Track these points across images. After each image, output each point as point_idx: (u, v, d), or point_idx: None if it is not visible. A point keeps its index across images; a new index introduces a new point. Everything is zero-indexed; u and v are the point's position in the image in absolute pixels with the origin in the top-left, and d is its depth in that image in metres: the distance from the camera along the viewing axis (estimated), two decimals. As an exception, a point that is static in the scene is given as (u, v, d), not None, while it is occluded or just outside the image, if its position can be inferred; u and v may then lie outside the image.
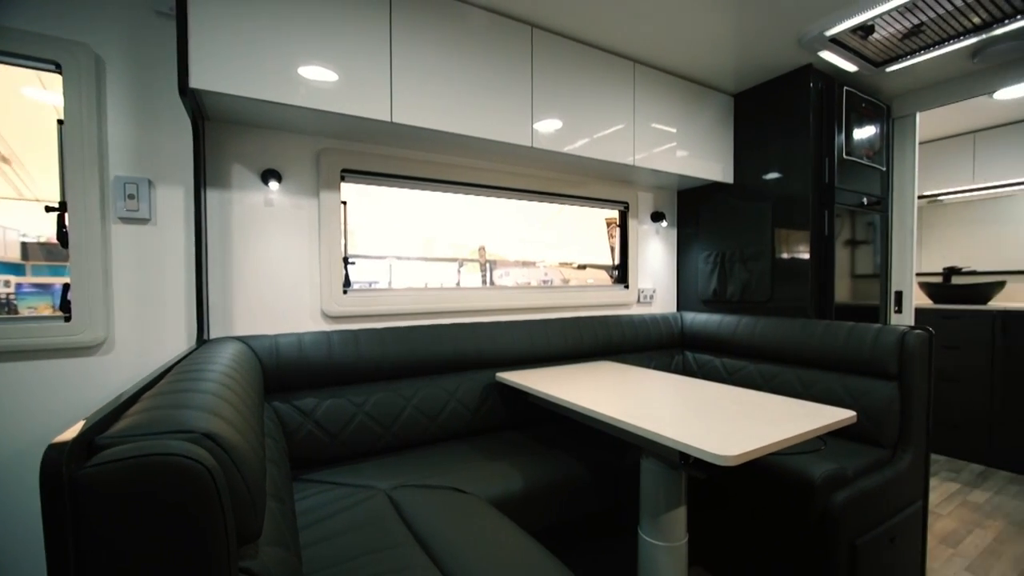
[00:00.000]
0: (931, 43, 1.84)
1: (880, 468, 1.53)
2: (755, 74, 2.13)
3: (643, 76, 2.02)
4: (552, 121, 1.77)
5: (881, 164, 2.32)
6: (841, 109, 2.07)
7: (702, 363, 2.27)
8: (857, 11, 1.63)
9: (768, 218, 2.16)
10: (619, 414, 1.20)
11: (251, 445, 0.70)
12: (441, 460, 1.53)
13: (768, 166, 2.18)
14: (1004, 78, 2.04)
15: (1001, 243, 3.13)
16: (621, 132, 1.95)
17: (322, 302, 1.65)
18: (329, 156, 1.64)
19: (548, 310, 2.20)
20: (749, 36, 1.81)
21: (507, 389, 1.82)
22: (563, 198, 2.25)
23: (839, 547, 1.34)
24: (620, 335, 2.19)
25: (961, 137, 3.15)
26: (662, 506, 1.24)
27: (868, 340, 1.67)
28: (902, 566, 1.55)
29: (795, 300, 2.07)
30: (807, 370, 1.85)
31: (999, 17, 1.67)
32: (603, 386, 1.55)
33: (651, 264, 2.54)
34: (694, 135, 2.20)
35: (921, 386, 1.60)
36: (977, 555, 1.85)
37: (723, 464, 0.93)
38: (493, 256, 2.33)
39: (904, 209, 2.40)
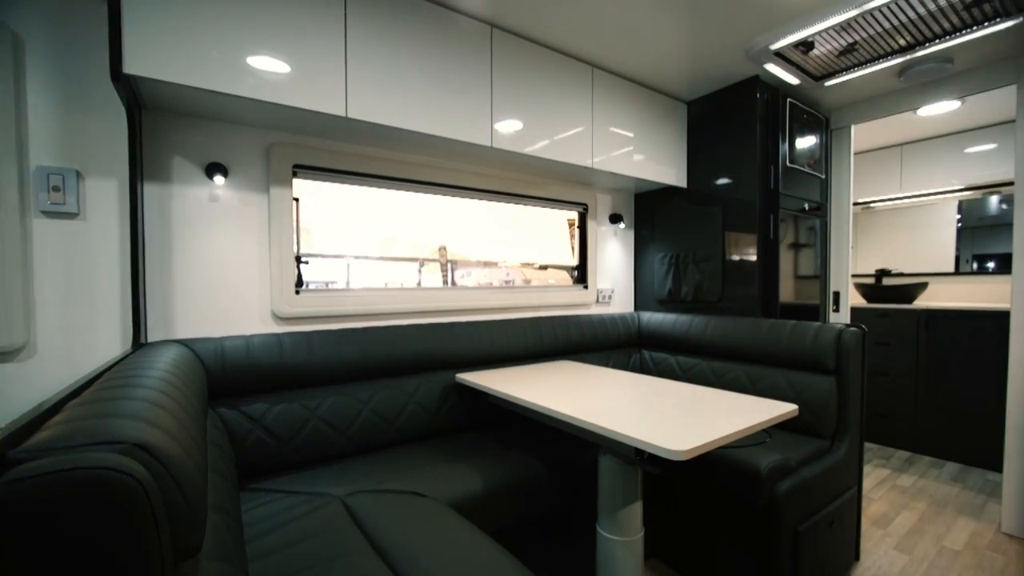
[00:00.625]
0: (863, 61, 1.98)
1: (820, 457, 1.62)
2: (706, 83, 2.22)
3: (601, 80, 2.06)
4: (512, 122, 1.77)
5: (821, 172, 2.47)
6: (785, 119, 2.19)
7: (658, 361, 2.34)
8: (798, 28, 1.72)
9: (719, 221, 2.26)
10: (577, 413, 1.21)
11: (191, 455, 0.66)
12: (399, 464, 1.50)
13: (719, 171, 2.28)
14: (926, 96, 2.23)
15: (925, 247, 3.41)
16: (580, 135, 1.98)
17: (272, 303, 1.58)
18: (280, 150, 1.58)
19: (509, 310, 2.20)
20: (701, 46, 1.89)
21: (467, 390, 1.81)
22: (524, 199, 2.26)
23: (783, 533, 1.41)
24: (580, 335, 2.22)
25: (890, 149, 3.40)
26: (619, 502, 1.27)
27: (809, 338, 1.78)
28: (839, 548, 1.66)
29: (744, 300, 2.18)
30: (754, 366, 1.95)
31: (921, 40, 1.82)
32: (562, 385, 1.56)
33: (610, 265, 2.60)
34: (650, 140, 2.26)
35: (855, 380, 1.72)
36: (904, 534, 2.01)
37: (676, 459, 0.96)
38: (455, 256, 2.31)
39: (841, 215, 2.57)
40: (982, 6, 1.60)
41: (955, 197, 3.22)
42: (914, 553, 1.87)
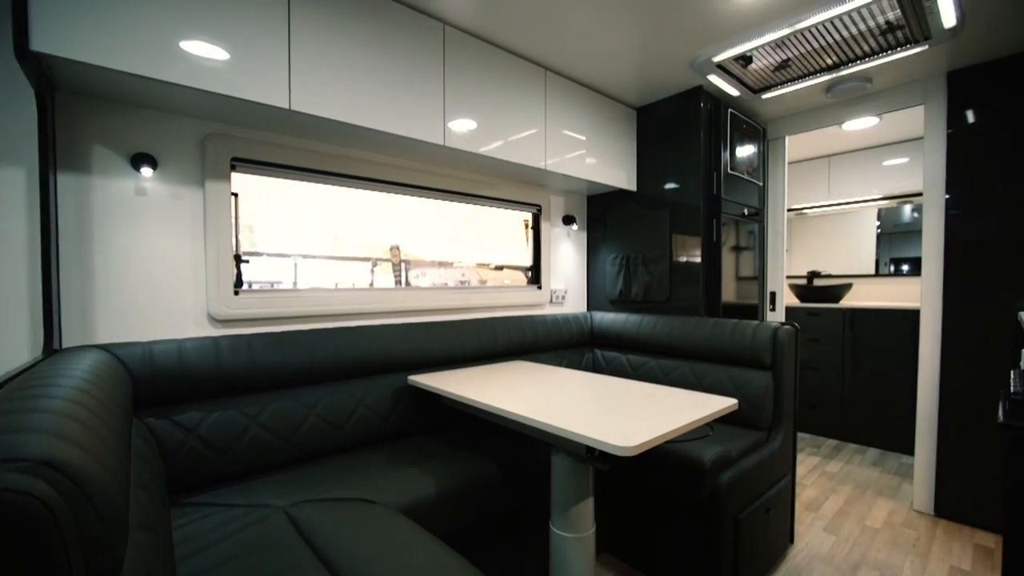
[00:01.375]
0: (795, 76, 2.12)
1: (758, 448, 1.72)
2: (654, 91, 2.30)
3: (554, 84, 2.09)
4: (466, 121, 1.76)
5: (759, 180, 2.62)
6: (726, 129, 2.31)
7: (610, 360, 2.40)
8: (738, 42, 1.82)
9: (666, 224, 2.34)
10: (530, 412, 1.22)
11: (109, 470, 0.60)
12: (348, 470, 1.45)
13: (666, 176, 2.37)
14: (849, 112, 2.42)
15: (850, 251, 3.69)
16: (534, 136, 2.00)
17: (208, 304, 1.48)
18: (216, 142, 1.48)
19: (464, 311, 2.19)
20: (649, 56, 1.95)
21: (420, 392, 1.77)
22: (478, 199, 2.25)
23: (725, 521, 1.48)
24: (533, 335, 2.24)
25: (820, 160, 3.67)
26: (571, 499, 1.29)
27: (748, 335, 1.88)
28: (775, 532, 1.76)
29: (689, 300, 2.27)
30: (699, 363, 2.04)
31: (845, 60, 1.97)
32: (516, 385, 1.57)
33: (563, 266, 2.64)
34: (602, 144, 2.32)
35: (789, 374, 1.83)
36: (832, 516, 2.16)
37: (624, 455, 0.98)
38: (409, 256, 2.27)
39: (777, 220, 2.74)
40: (896, 33, 1.76)
41: (875, 205, 3.52)
42: (840, 533, 2.02)
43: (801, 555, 1.86)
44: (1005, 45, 1.86)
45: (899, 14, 1.64)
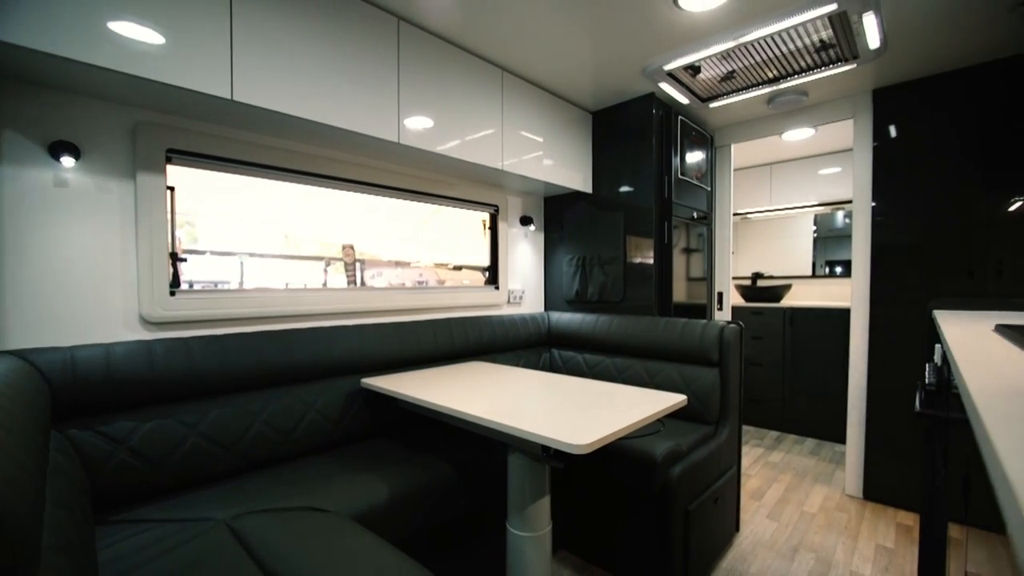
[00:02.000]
0: (740, 88, 2.23)
1: (706, 442, 1.79)
2: (609, 96, 2.35)
3: (511, 85, 2.09)
4: (422, 119, 1.73)
5: (707, 185, 2.74)
6: (677, 135, 2.40)
7: (566, 359, 2.43)
8: (687, 52, 1.90)
9: (621, 226, 2.40)
10: (487, 413, 1.21)
11: (17, 488, 0.55)
12: (297, 478, 1.39)
13: (620, 179, 2.43)
14: (788, 123, 2.57)
15: (789, 253, 3.92)
16: (491, 137, 2.00)
17: (141, 306, 1.38)
18: (149, 132, 1.38)
19: (420, 311, 2.15)
20: (604, 61, 2.00)
21: (374, 395, 1.73)
22: (434, 198, 2.22)
23: (676, 513, 1.53)
24: (491, 335, 2.24)
25: (763, 167, 3.88)
26: (528, 498, 1.29)
27: (697, 334, 1.96)
28: (722, 521, 1.84)
29: (643, 300, 2.34)
30: (652, 361, 2.10)
31: (784, 74, 2.09)
32: (473, 386, 1.55)
33: (520, 266, 2.65)
34: (558, 146, 2.35)
35: (735, 371, 1.92)
36: (774, 504, 2.29)
37: (578, 452, 1.00)
38: (365, 255, 2.21)
39: (724, 223, 2.87)
40: (828, 51, 1.89)
41: (812, 211, 3.76)
42: (781, 519, 2.13)
43: (746, 542, 1.95)
44: (923, 67, 2.04)
45: (831, 34, 1.76)
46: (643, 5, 1.60)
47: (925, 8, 1.62)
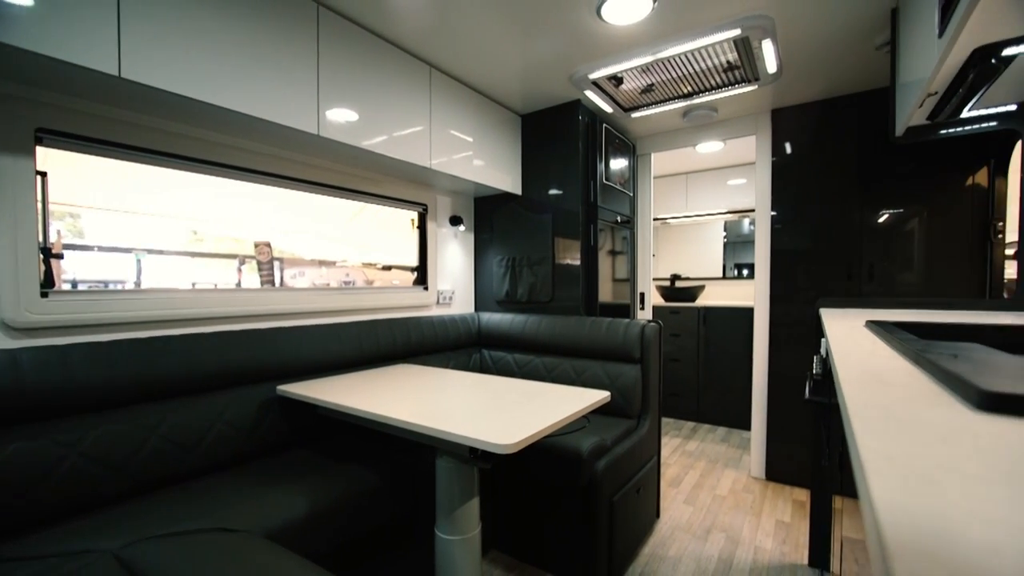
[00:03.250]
0: (658, 100, 2.37)
1: (629, 435, 1.88)
2: (537, 100, 2.40)
3: (440, 82, 2.07)
4: (345, 111, 1.66)
5: (629, 190, 2.88)
6: (601, 142, 2.50)
7: (497, 359, 2.44)
8: (610, 64, 1.98)
9: (549, 228, 2.46)
10: (414, 417, 1.18)
11: None
12: (202, 497, 1.26)
13: (549, 182, 2.48)
14: (701, 136, 2.78)
15: (704, 256, 4.24)
16: (419, 134, 1.96)
17: (4, 310, 1.19)
18: (13, 108, 1.19)
19: (345, 313, 2.05)
20: (532, 66, 2.03)
21: (292, 403, 1.62)
22: (360, 195, 2.14)
23: (601, 504, 1.59)
24: (420, 336, 2.19)
25: (680, 176, 4.16)
26: (457, 501, 1.28)
27: (620, 332, 2.05)
28: (645, 509, 1.94)
29: (570, 300, 2.41)
30: (579, 360, 2.17)
31: (697, 91, 2.26)
32: (400, 390, 1.51)
33: (450, 266, 2.62)
34: (488, 146, 2.35)
35: (655, 366, 2.04)
36: (690, 489, 2.45)
37: (505, 452, 1.00)
38: (285, 254, 2.08)
39: (645, 227, 3.04)
40: (734, 72, 2.06)
41: (722, 218, 4.09)
42: (696, 503, 2.29)
43: (666, 527, 2.07)
44: (812, 92, 2.29)
45: (736, 56, 1.93)
46: (568, 14, 1.65)
47: (812, 40, 1.82)
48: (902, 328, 0.99)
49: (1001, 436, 0.29)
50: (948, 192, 2.15)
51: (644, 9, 1.60)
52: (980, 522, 0.19)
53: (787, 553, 1.88)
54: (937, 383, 0.46)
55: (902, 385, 0.45)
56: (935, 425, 0.32)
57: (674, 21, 1.69)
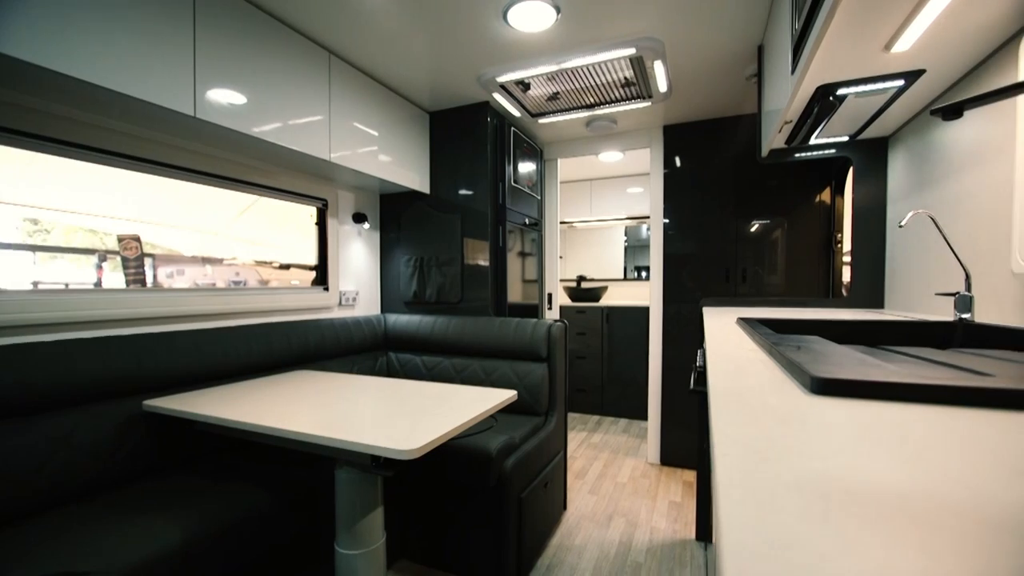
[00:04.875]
0: (563, 108, 2.47)
1: (537, 432, 1.93)
2: (445, 98, 2.38)
3: (341, 71, 1.95)
4: (230, 93, 1.50)
5: (537, 194, 2.97)
6: (510, 145, 2.55)
7: (404, 362, 2.37)
8: (517, 69, 2.02)
9: (458, 228, 2.45)
10: (310, 427, 1.10)
11: None
12: (43, 537, 1.06)
13: (458, 182, 2.47)
14: (602, 146, 2.94)
15: (606, 259, 4.50)
16: (318, 125, 1.84)
17: None
18: None
19: (232, 316, 1.86)
20: (439, 64, 2.01)
21: (164, 420, 1.43)
22: (249, 186, 1.95)
23: (510, 502, 1.61)
24: (319, 341, 2.05)
25: (584, 182, 4.37)
26: (358, 513, 1.21)
27: (528, 332, 2.10)
28: (552, 502, 2.00)
29: (479, 301, 2.42)
30: (488, 360, 2.18)
31: (599, 102, 2.39)
32: (295, 399, 1.40)
33: (354, 266, 2.50)
34: (395, 142, 2.28)
35: (561, 364, 2.12)
36: (595, 480, 2.58)
37: (408, 458, 0.97)
38: (159, 249, 1.82)
39: (552, 230, 3.15)
40: (631, 87, 2.22)
41: (623, 223, 4.38)
42: (600, 492, 2.42)
43: (573, 517, 2.16)
44: (697, 111, 2.54)
45: (632, 74, 2.07)
46: (476, 15, 1.66)
47: (696, 66, 2.02)
48: (764, 324, 1.13)
49: (823, 415, 0.34)
50: (802, 207, 2.51)
51: (548, 19, 1.66)
52: (785, 487, 0.21)
53: (678, 530, 2.06)
54: (784, 371, 0.53)
55: (757, 374, 0.51)
56: (776, 408, 0.36)
57: (576, 34, 1.77)
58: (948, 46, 1.11)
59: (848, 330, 1.14)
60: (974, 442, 0.28)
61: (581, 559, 1.83)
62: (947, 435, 0.29)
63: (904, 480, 0.22)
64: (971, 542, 0.17)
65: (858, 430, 0.31)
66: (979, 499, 0.20)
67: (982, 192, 1.21)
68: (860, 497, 0.20)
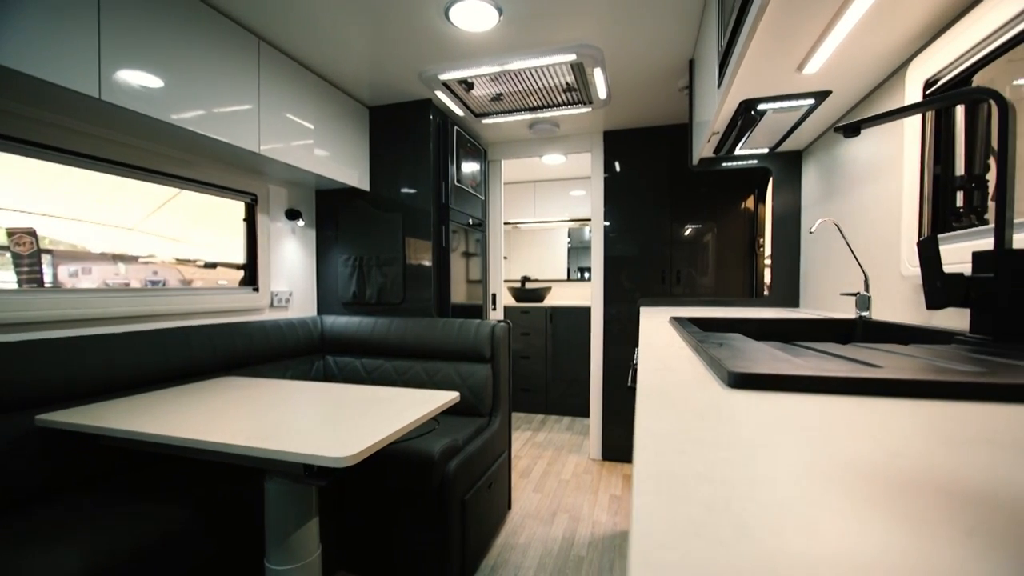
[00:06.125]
0: (507, 110, 2.49)
1: (481, 432, 1.92)
2: (386, 93, 2.31)
3: (272, 59, 1.85)
4: (142, 75, 1.37)
5: (481, 194, 2.97)
6: (453, 144, 2.52)
7: (343, 366, 2.28)
8: (460, 68, 2.01)
9: (400, 227, 2.39)
10: (235, 437, 1.03)
11: None
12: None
13: (399, 180, 2.41)
14: (545, 148, 2.99)
15: (551, 260, 4.58)
16: (246, 114, 1.73)
17: None
18: None
19: (148, 319, 1.70)
20: (380, 57, 1.95)
21: (61, 436, 1.28)
22: (169, 178, 1.80)
23: (453, 505, 1.59)
24: (248, 345, 1.93)
25: (528, 183, 4.42)
26: (291, 526, 1.15)
27: (471, 332, 2.09)
28: (497, 503, 2.00)
29: (422, 302, 2.37)
30: (431, 362, 2.15)
31: (542, 106, 2.43)
32: (218, 408, 1.30)
33: (288, 265, 2.37)
34: (332, 137, 2.18)
35: (505, 364, 2.12)
36: (539, 478, 2.61)
37: (344, 465, 0.93)
38: (60, 245, 1.63)
39: (496, 231, 3.16)
40: (572, 93, 2.27)
41: (566, 225, 4.47)
42: (544, 490, 2.45)
43: (517, 516, 2.17)
44: (635, 119, 2.64)
45: (573, 79, 2.12)
46: (416, 10, 1.63)
47: (633, 75, 2.10)
48: (693, 323, 1.20)
49: (736, 407, 0.37)
50: (730, 213, 2.68)
51: (491, 20, 1.66)
52: (696, 478, 0.22)
53: (618, 523, 2.13)
54: (707, 367, 0.56)
55: (682, 370, 0.54)
56: (696, 403, 0.38)
57: (519, 37, 1.79)
58: (850, 70, 1.23)
59: (767, 327, 1.23)
60: (862, 427, 0.31)
61: (525, 557, 1.85)
62: (839, 422, 0.32)
63: (799, 466, 0.24)
64: (855, 520, 0.18)
65: (765, 421, 0.33)
66: (863, 480, 0.22)
67: (877, 203, 1.35)
68: (760, 484, 0.22)
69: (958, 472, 0.23)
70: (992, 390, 0.39)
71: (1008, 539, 0.17)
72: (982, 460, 0.25)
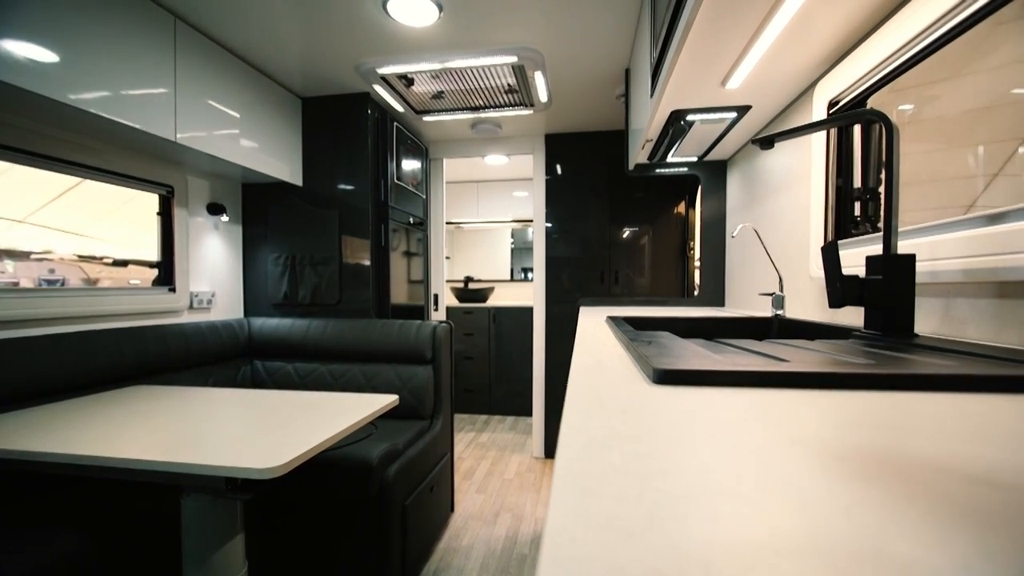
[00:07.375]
0: (449, 108, 2.46)
1: (422, 436, 1.89)
2: (321, 84, 2.21)
3: (190, 40, 1.70)
4: (32, 48, 1.22)
5: (422, 193, 2.92)
6: (393, 140, 2.46)
7: (273, 371, 2.15)
8: (399, 62, 1.96)
9: (336, 225, 2.29)
10: (144, 452, 0.94)
11: None
12: None
13: (335, 176, 2.32)
14: (488, 149, 3.00)
15: (494, 260, 4.59)
16: (160, 99, 1.58)
17: None
18: None
19: (42, 323, 1.51)
20: (312, 45, 1.86)
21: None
22: (67, 165, 1.61)
23: (394, 511, 1.55)
24: (163, 350, 1.77)
25: (472, 183, 4.41)
26: (213, 544, 1.07)
27: (412, 334, 2.04)
28: (439, 506, 1.97)
29: (360, 302, 2.29)
30: (370, 364, 2.08)
31: (484, 106, 2.43)
32: (125, 420, 1.18)
33: (210, 263, 2.19)
34: (260, 127, 2.05)
35: (446, 366, 2.10)
36: (482, 479, 2.61)
37: (271, 476, 0.88)
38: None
39: (438, 231, 3.12)
40: (514, 94, 2.29)
41: (509, 226, 4.50)
42: (487, 491, 2.45)
43: (460, 519, 2.15)
44: (575, 123, 2.71)
45: (515, 81, 2.14)
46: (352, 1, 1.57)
47: (573, 80, 2.16)
48: (627, 322, 1.24)
49: (657, 402, 0.38)
50: (664, 217, 2.82)
51: (430, 16, 1.63)
52: (613, 472, 0.23)
53: (557, 519, 2.17)
54: (635, 364, 0.58)
55: (613, 368, 0.56)
56: (622, 399, 0.40)
57: (459, 35, 1.77)
58: (767, 87, 1.33)
59: (694, 326, 1.30)
60: (770, 418, 0.33)
61: (468, 559, 1.83)
62: (749, 413, 0.35)
63: (708, 456, 0.26)
64: (751, 507, 0.19)
65: (682, 414, 0.35)
66: (764, 468, 0.24)
67: (790, 211, 1.47)
68: (672, 475, 0.23)
69: (844, 453, 0.26)
70: (878, 380, 0.44)
71: (884, 512, 0.19)
72: (867, 441, 0.28)
